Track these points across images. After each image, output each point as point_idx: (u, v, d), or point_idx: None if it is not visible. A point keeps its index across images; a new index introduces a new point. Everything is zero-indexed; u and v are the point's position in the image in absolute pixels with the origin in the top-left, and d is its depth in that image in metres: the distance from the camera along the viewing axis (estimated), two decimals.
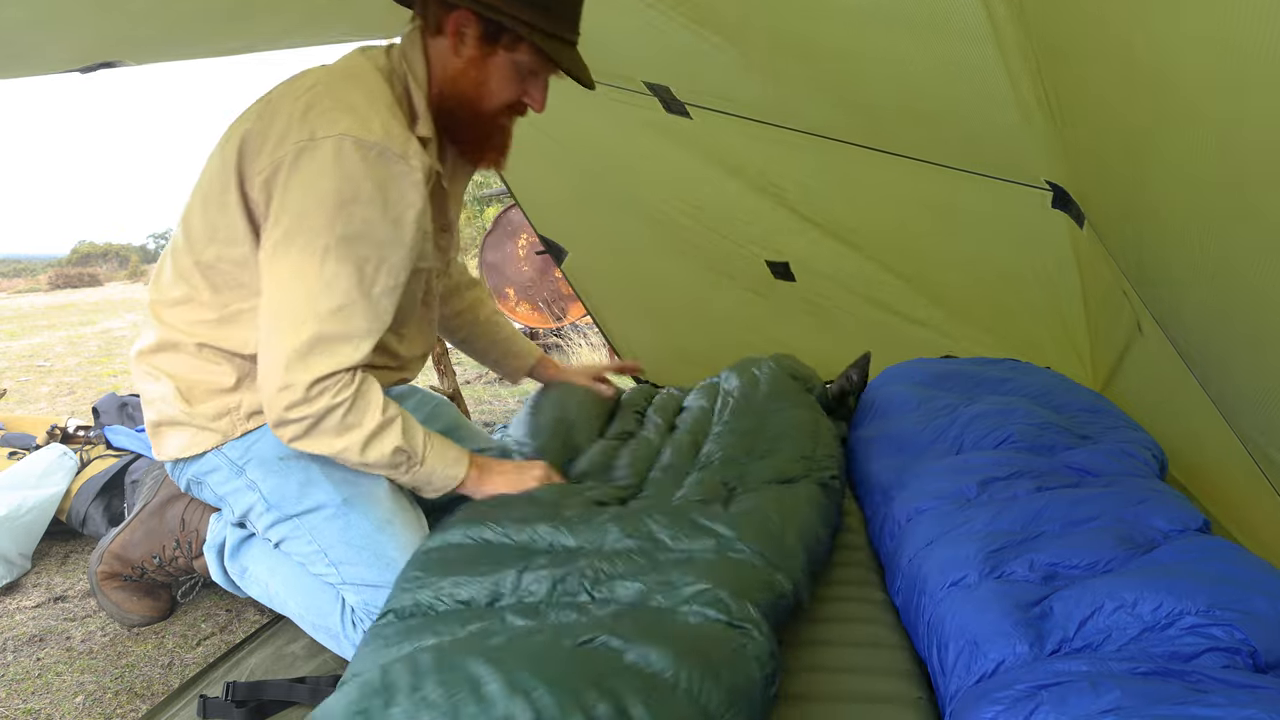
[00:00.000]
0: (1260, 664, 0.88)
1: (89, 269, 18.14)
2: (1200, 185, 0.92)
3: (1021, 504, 1.24)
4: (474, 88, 1.26)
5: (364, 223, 1.15)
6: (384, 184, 1.15)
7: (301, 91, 1.18)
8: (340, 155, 1.12)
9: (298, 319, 1.15)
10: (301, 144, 1.13)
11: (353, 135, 1.12)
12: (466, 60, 1.24)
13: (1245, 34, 0.67)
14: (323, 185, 1.12)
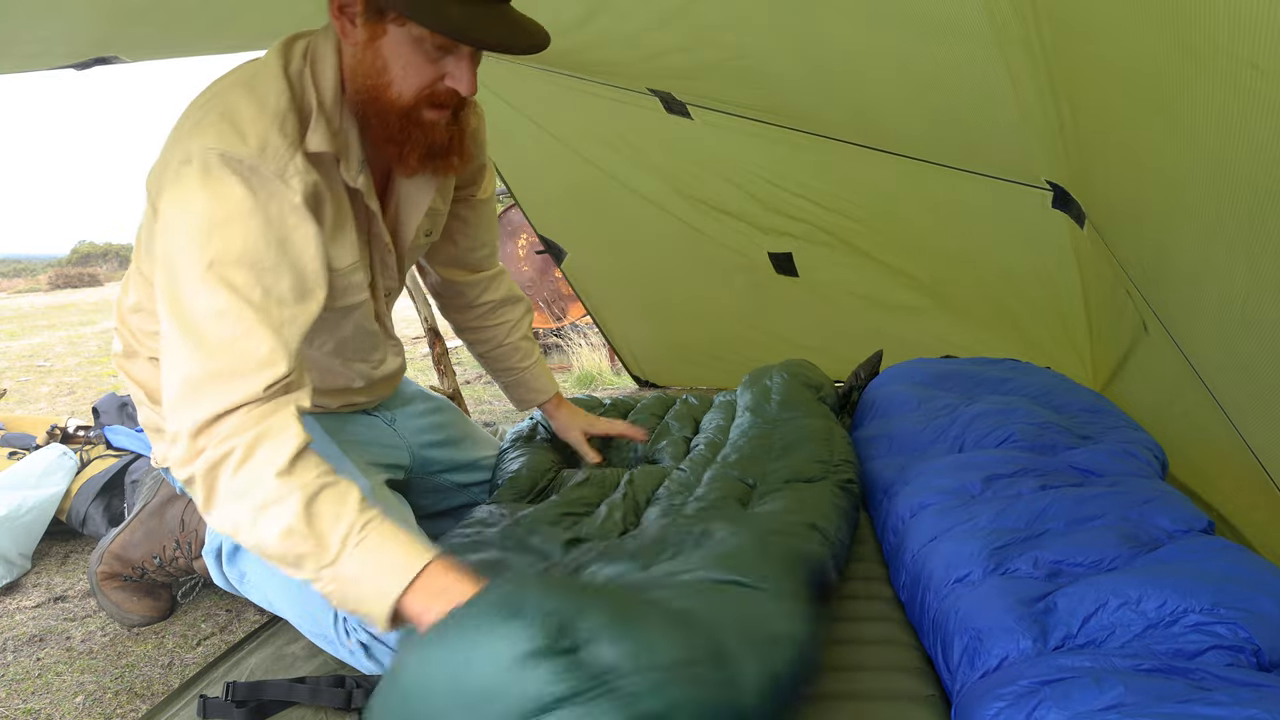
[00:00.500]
0: (1264, 663, 0.88)
1: (89, 269, 18.14)
2: (1202, 184, 0.91)
3: (1026, 501, 1.24)
4: (375, 77, 1.06)
5: (242, 245, 0.99)
6: (261, 203, 1.01)
7: (201, 101, 1.06)
8: (208, 172, 0.99)
9: (175, 357, 0.98)
10: (180, 162, 1.01)
11: (219, 150, 1.00)
12: (359, 45, 1.05)
13: (1247, 33, 0.67)
14: (193, 207, 0.99)
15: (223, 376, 0.96)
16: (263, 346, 0.98)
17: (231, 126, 1.02)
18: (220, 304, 0.98)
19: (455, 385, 2.82)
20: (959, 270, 2.47)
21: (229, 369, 0.96)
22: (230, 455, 0.95)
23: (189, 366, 0.97)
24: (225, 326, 0.97)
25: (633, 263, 3.02)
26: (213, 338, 0.97)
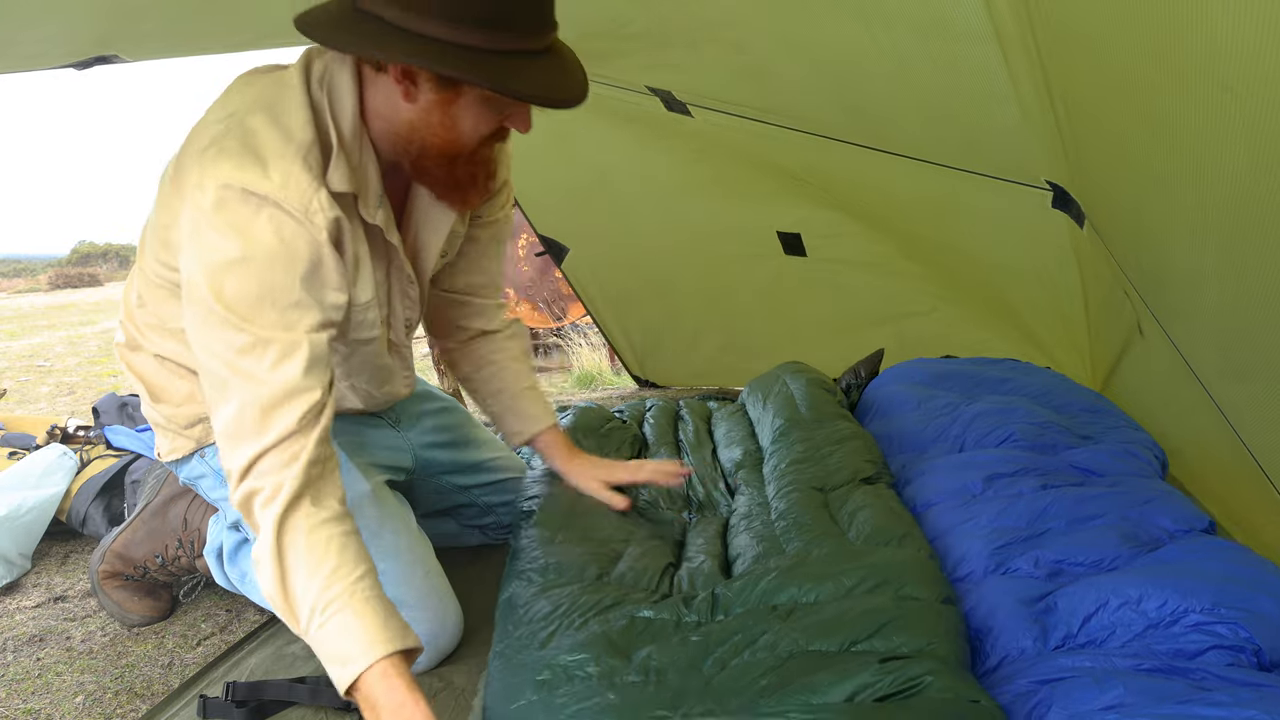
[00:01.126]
0: (1264, 663, 0.88)
1: (89, 269, 18.13)
2: (1211, 174, 0.91)
3: (1027, 501, 1.24)
4: (444, 133, 1.05)
5: (260, 284, 0.98)
6: (283, 241, 0.98)
7: (221, 118, 1.03)
8: (223, 207, 0.96)
9: (215, 394, 1.00)
10: (195, 187, 0.98)
11: (240, 184, 0.96)
12: (426, 106, 1.03)
13: (1248, 29, 0.67)
14: (209, 244, 0.97)
15: (261, 409, 0.97)
16: (295, 375, 0.99)
17: (254, 158, 0.98)
18: (245, 341, 0.97)
19: (455, 385, 2.82)
20: (959, 269, 2.47)
21: (265, 401, 0.97)
22: (259, 492, 0.97)
23: (229, 405, 0.98)
24: (251, 362, 0.97)
25: (633, 261, 3.02)
26: (237, 375, 0.97)
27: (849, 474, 1.44)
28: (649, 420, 1.92)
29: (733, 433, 1.80)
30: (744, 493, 1.51)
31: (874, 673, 0.87)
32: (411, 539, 1.30)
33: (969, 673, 0.91)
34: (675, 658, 0.97)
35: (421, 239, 1.25)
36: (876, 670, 0.87)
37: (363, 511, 1.26)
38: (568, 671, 0.99)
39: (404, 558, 1.26)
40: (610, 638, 1.03)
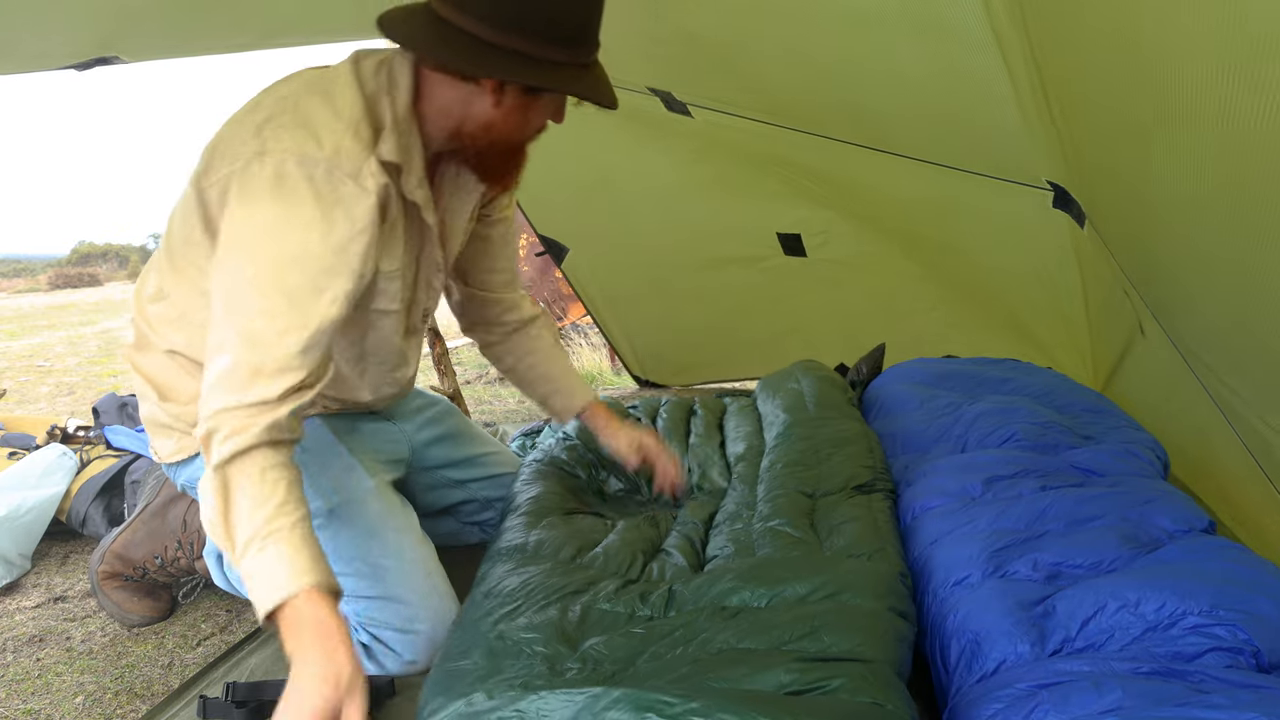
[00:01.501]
0: (1263, 664, 0.87)
1: (89, 269, 18.13)
2: (1203, 183, 0.92)
3: (1026, 503, 1.24)
4: (516, 130, 1.20)
5: (300, 248, 1.05)
6: (327, 208, 1.06)
7: (270, 102, 1.11)
8: (283, 174, 1.04)
9: (218, 345, 1.05)
10: (249, 158, 1.06)
11: (296, 153, 1.05)
12: (508, 109, 1.16)
13: (1250, 27, 0.67)
14: (259, 206, 1.05)
15: (253, 371, 1.03)
16: (297, 349, 1.05)
17: (307, 132, 1.07)
18: (268, 305, 1.04)
19: (455, 385, 2.82)
20: (959, 269, 2.47)
21: (258, 365, 1.03)
22: (219, 431, 1.01)
23: (227, 359, 1.03)
24: (266, 325, 1.04)
25: (634, 261, 3.02)
26: (255, 335, 1.04)
27: (842, 480, 1.44)
28: (662, 414, 1.92)
29: (741, 427, 1.80)
30: (736, 489, 1.52)
31: (788, 670, 0.88)
32: (414, 538, 1.31)
33: (896, 677, 0.92)
34: (616, 649, 1.00)
35: (448, 228, 1.33)
36: (791, 668, 0.89)
37: (366, 508, 1.28)
38: (518, 646, 1.02)
39: (405, 556, 1.27)
40: (563, 626, 1.06)
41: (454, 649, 1.06)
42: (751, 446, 1.67)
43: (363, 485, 1.29)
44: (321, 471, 1.28)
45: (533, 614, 1.10)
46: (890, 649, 0.97)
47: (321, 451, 1.30)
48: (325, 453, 1.30)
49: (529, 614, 1.10)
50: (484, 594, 1.18)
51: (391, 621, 1.23)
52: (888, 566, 1.15)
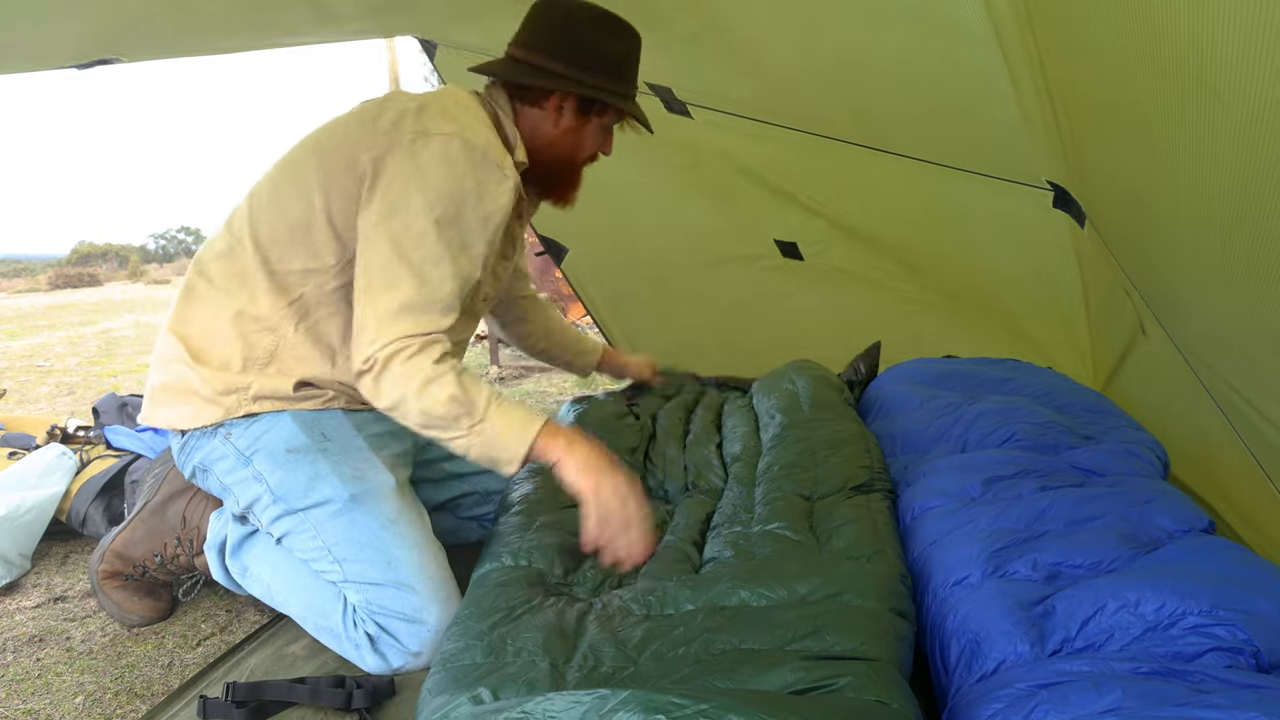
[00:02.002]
0: (1263, 664, 0.87)
1: (89, 269, 18.13)
2: (1204, 183, 0.92)
3: (1025, 503, 1.24)
4: (571, 150, 1.47)
5: (458, 211, 1.27)
6: (482, 183, 1.28)
7: (409, 99, 1.33)
8: (449, 151, 1.26)
9: (391, 283, 1.24)
10: (416, 134, 1.26)
11: (462, 136, 1.26)
12: (564, 129, 1.44)
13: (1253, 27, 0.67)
14: (430, 173, 1.25)
15: (423, 308, 1.25)
16: (454, 294, 1.29)
17: (462, 123, 1.29)
18: (436, 252, 1.25)
19: None
20: (959, 269, 2.47)
21: (429, 302, 1.25)
22: (406, 349, 1.23)
23: (404, 294, 1.24)
24: (434, 271, 1.26)
25: (634, 261, 3.02)
26: (425, 276, 1.25)
27: (840, 481, 1.44)
28: (661, 417, 1.91)
29: (737, 428, 1.79)
30: (733, 489, 1.51)
31: (793, 669, 0.88)
32: (428, 535, 1.34)
33: (899, 675, 0.92)
34: (615, 649, 1.01)
35: (518, 231, 1.60)
36: (796, 667, 0.89)
37: (387, 501, 1.32)
38: (518, 645, 1.03)
39: (420, 550, 1.30)
40: (561, 626, 1.07)
41: (454, 648, 1.06)
42: (748, 447, 1.67)
43: (384, 479, 1.33)
44: (345, 459, 1.32)
45: (531, 615, 1.10)
46: (893, 649, 0.97)
47: (344, 441, 1.36)
48: (348, 443, 1.36)
49: (527, 614, 1.10)
50: (481, 593, 1.18)
51: (401, 610, 1.25)
52: (887, 568, 1.15)
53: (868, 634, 0.96)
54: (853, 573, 1.11)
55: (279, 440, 1.31)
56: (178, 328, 1.35)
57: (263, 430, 1.31)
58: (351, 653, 1.27)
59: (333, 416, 1.36)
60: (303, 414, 1.33)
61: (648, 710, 0.75)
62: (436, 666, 1.04)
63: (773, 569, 1.14)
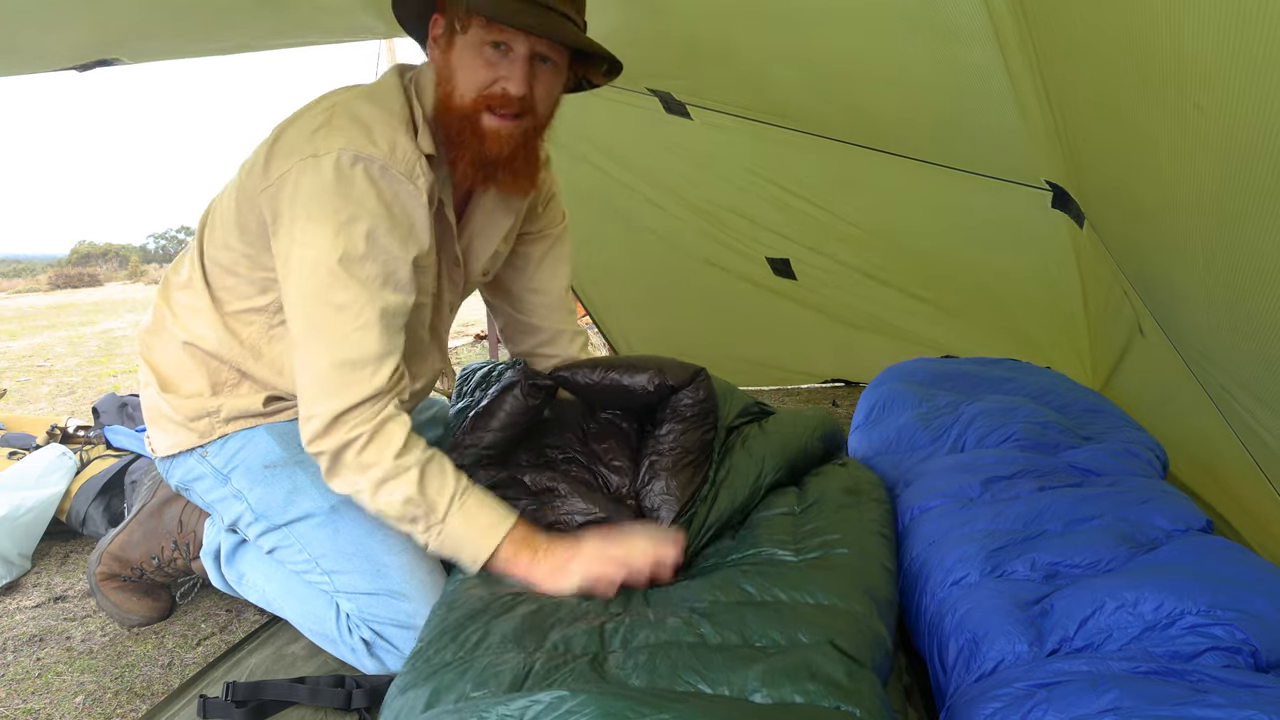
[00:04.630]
0: (1261, 664, 0.88)
1: (89, 269, 18.14)
2: (1198, 186, 0.92)
3: (1023, 503, 1.24)
4: (445, 84, 1.17)
5: (368, 240, 1.11)
6: (388, 199, 1.12)
7: (321, 109, 1.16)
8: (339, 170, 1.09)
9: (314, 347, 1.12)
10: (304, 159, 1.10)
11: (353, 150, 1.10)
12: (438, 62, 1.19)
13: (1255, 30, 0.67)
14: (324, 203, 1.09)
15: (352, 367, 1.12)
16: (381, 341, 1.13)
17: (362, 130, 1.12)
18: (346, 298, 1.11)
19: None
20: (958, 270, 2.47)
21: (356, 360, 1.12)
22: (357, 440, 1.12)
23: (322, 359, 1.11)
24: (348, 320, 1.11)
25: (633, 261, 3.03)
26: (339, 331, 1.11)
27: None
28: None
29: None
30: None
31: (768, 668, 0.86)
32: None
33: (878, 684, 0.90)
34: (586, 639, 0.98)
35: (476, 238, 1.37)
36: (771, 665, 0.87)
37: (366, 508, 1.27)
38: (489, 638, 1.00)
39: (408, 553, 1.27)
40: (536, 620, 1.04)
41: (425, 643, 1.05)
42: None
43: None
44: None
45: (506, 609, 1.07)
46: (874, 655, 0.95)
47: None
48: None
49: (502, 610, 1.08)
50: (454, 589, 1.17)
51: (395, 617, 1.24)
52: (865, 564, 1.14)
53: (848, 634, 0.95)
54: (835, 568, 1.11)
55: (255, 456, 1.27)
56: (147, 355, 1.32)
57: (238, 447, 1.28)
58: (349, 656, 1.27)
59: None
60: (277, 427, 1.29)
61: (605, 716, 0.74)
62: (407, 664, 1.02)
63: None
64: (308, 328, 1.12)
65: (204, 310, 1.26)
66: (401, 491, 1.13)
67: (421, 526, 1.16)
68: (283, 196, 1.12)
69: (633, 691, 0.83)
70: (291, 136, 1.14)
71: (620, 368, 1.32)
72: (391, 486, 1.13)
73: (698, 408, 1.31)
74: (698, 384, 1.32)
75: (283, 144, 1.14)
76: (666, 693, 0.84)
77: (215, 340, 1.26)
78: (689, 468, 1.27)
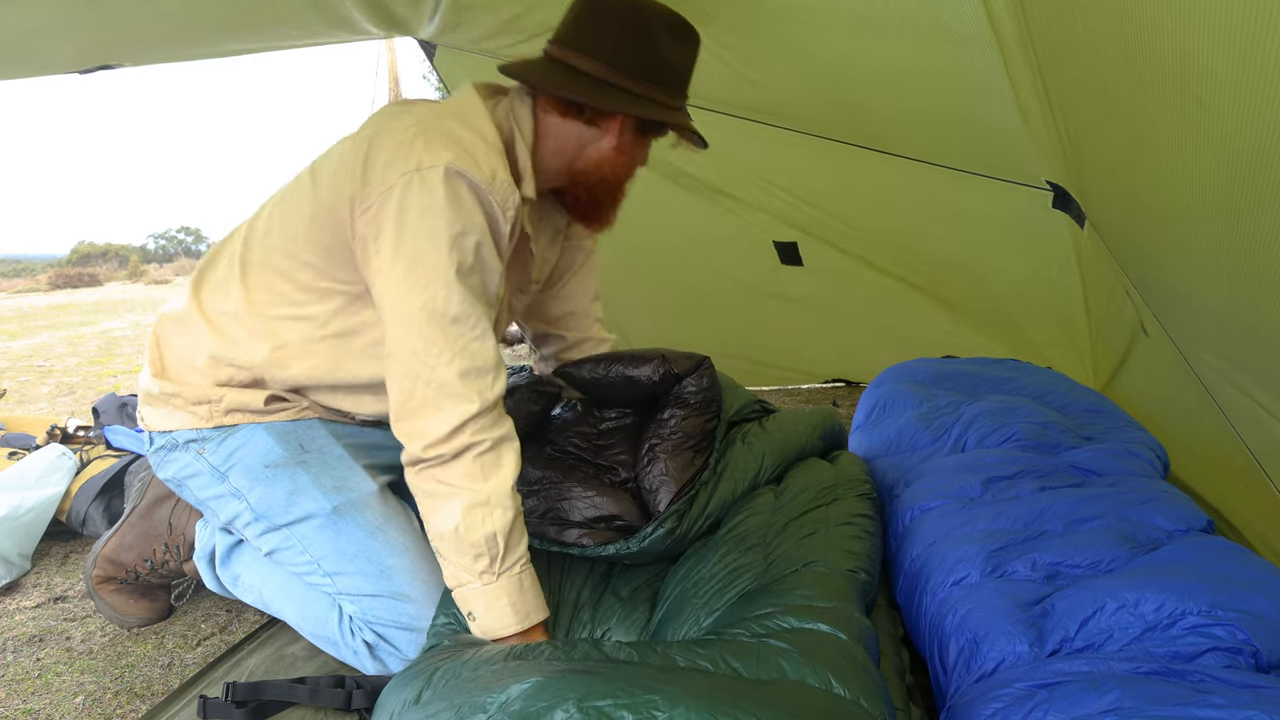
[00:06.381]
0: (1262, 664, 0.88)
1: (89, 269, 18.13)
2: (1204, 183, 0.92)
3: (1024, 503, 1.24)
4: (625, 170, 1.29)
5: (476, 253, 1.12)
6: (490, 217, 1.14)
7: (409, 124, 1.15)
8: (450, 185, 1.09)
9: (432, 360, 1.10)
10: (409, 175, 1.09)
11: (459, 168, 1.10)
12: (620, 150, 1.26)
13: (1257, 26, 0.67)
14: (436, 217, 1.09)
15: (477, 375, 1.11)
16: (496, 350, 1.14)
17: (464, 150, 1.12)
18: (463, 310, 1.11)
19: None
20: (959, 270, 2.47)
21: (479, 368, 1.12)
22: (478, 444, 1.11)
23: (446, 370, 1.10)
24: (466, 330, 1.11)
25: (633, 261, 3.02)
26: (459, 342, 1.11)
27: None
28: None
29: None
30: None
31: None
32: (417, 538, 1.31)
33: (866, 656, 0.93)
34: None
35: (536, 260, 1.40)
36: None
37: (370, 509, 1.28)
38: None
39: (411, 554, 1.27)
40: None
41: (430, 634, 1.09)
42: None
43: (366, 486, 1.29)
44: (325, 471, 1.28)
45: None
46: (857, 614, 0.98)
47: (323, 451, 1.31)
48: (327, 453, 1.31)
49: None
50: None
51: (398, 620, 1.23)
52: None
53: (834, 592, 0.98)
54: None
55: (255, 455, 1.26)
56: (162, 338, 1.30)
57: (237, 445, 1.26)
58: (350, 658, 1.27)
59: (310, 426, 1.31)
60: (278, 426, 1.29)
61: (597, 696, 0.73)
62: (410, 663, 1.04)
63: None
64: (423, 342, 1.10)
65: (238, 314, 1.25)
66: (494, 524, 1.10)
67: (484, 565, 1.11)
68: (387, 212, 1.10)
69: (626, 671, 0.83)
70: (388, 150, 1.13)
71: (625, 360, 1.34)
72: (487, 513, 1.10)
73: (701, 395, 1.32)
74: (702, 372, 1.34)
75: (378, 159, 1.13)
76: (659, 671, 0.84)
77: (247, 342, 1.24)
78: (688, 452, 1.27)
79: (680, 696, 0.73)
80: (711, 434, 1.33)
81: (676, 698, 0.73)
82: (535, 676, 0.79)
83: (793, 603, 1.01)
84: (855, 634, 0.93)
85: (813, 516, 1.28)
